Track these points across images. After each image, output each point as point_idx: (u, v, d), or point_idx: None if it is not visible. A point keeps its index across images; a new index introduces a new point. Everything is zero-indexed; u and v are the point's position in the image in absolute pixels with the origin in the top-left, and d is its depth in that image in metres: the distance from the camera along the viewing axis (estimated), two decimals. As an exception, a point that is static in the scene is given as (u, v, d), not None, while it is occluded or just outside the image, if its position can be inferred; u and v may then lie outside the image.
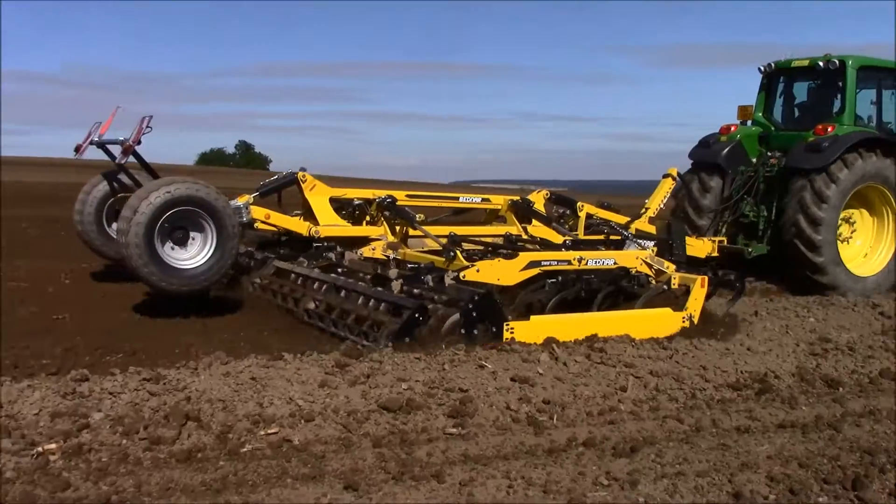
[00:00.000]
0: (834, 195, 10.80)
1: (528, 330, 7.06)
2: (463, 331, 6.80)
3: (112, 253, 9.27)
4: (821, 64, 11.78)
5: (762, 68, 12.61)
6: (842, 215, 11.17)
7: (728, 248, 11.50)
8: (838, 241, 11.16)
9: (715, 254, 11.06)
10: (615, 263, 8.38)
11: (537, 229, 10.24)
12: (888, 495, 4.42)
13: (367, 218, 9.88)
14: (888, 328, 8.62)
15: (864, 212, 11.74)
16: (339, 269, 8.69)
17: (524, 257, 7.85)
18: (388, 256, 8.77)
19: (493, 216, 10.94)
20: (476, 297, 6.96)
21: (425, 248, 9.28)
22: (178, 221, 7.52)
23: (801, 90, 12.75)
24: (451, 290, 7.25)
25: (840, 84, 11.72)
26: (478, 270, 7.50)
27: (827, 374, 6.84)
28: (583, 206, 10.80)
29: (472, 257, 8.16)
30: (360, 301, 7.49)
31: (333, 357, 6.23)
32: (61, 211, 14.90)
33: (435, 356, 6.40)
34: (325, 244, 9.17)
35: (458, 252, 7.92)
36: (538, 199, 10.87)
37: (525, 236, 9.98)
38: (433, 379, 5.86)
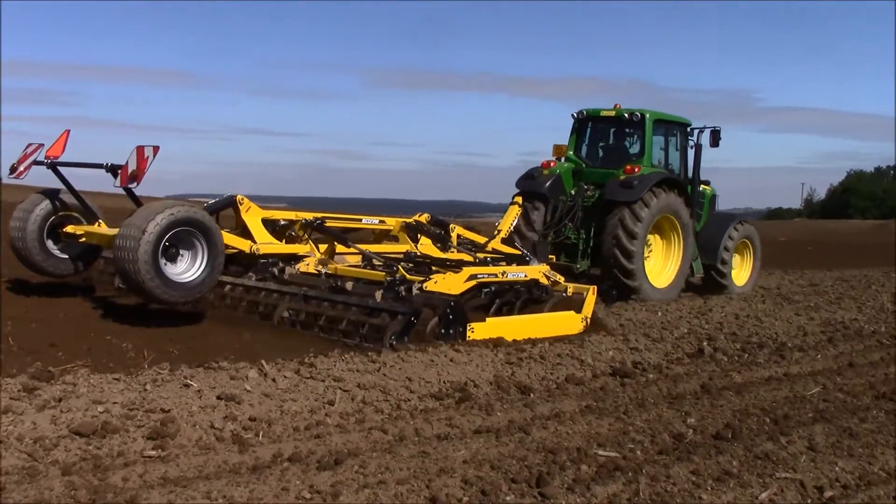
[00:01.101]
0: (645, 220, 13.18)
1: (485, 329, 8.70)
2: (442, 331, 8.27)
3: (51, 268, 9.65)
4: (626, 115, 14.17)
5: (574, 115, 14.76)
6: None
7: (558, 265, 13.09)
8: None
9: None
10: (526, 276, 10.13)
11: (424, 247, 11.45)
12: (566, 490, 4.84)
13: (286, 236, 10.61)
14: (575, 339, 9.41)
15: (657, 236, 14.12)
16: (276, 281, 9.62)
17: (466, 271, 9.46)
18: (319, 271, 9.91)
19: (383, 236, 11.99)
20: (452, 304, 8.51)
21: (347, 264, 10.35)
22: (173, 240, 8.27)
23: (606, 135, 15.14)
24: (420, 298, 8.52)
25: (640, 132, 14.22)
26: (436, 282, 8.92)
27: (520, 381, 7.35)
28: (454, 227, 12.22)
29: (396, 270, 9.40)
30: (351, 308, 8.57)
31: (20, 381, 5.77)
32: None
33: (136, 376, 6.14)
34: (270, 260, 9.92)
35: (400, 267, 9.38)
36: (423, 221, 12.00)
37: (419, 253, 11.12)
38: (133, 400, 5.62)
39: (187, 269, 8.49)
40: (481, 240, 12.41)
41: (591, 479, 5.00)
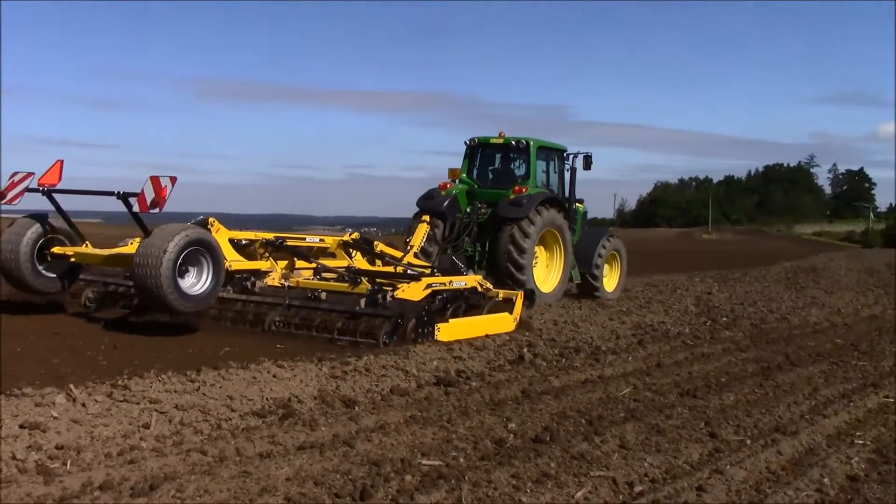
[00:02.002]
0: (533, 235, 14.92)
1: (449, 329, 10.17)
2: (419, 330, 9.69)
3: (40, 287, 10.37)
4: (513, 143, 16.05)
5: (467, 142, 16.50)
6: None
7: None
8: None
9: None
10: (466, 284, 11.45)
11: (357, 261, 12.56)
12: (391, 501, 4.85)
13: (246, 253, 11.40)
14: (400, 350, 9.46)
15: (542, 248, 15.89)
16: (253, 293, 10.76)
17: (424, 281, 10.75)
18: (283, 284, 11.08)
19: (321, 252, 12.84)
20: (426, 308, 10.04)
21: (302, 277, 11.50)
22: (183, 257, 9.17)
23: (495, 160, 16.95)
24: (395, 304, 9.84)
25: (525, 157, 16.08)
26: (403, 291, 10.23)
27: (345, 395, 7.31)
28: (378, 244, 13.29)
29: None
30: (343, 314, 9.86)
31: None
32: None
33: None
34: (244, 274, 10.89)
35: (363, 280, 10.79)
36: (355, 239, 13.19)
37: (356, 266, 12.12)
38: (-79, 434, 5.16)
39: (195, 282, 9.50)
40: (399, 255, 13.48)
41: (415, 489, 5.04)
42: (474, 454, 5.86)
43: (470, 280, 11.77)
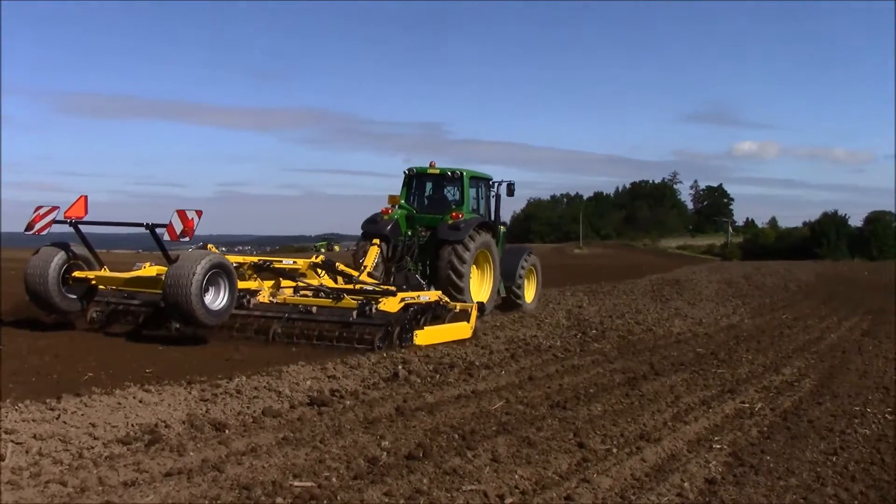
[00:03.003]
0: (469, 257, 16.29)
1: (423, 335, 12.11)
2: (403, 336, 11.64)
3: (64, 307, 11.73)
4: (448, 173, 17.61)
5: (406, 171, 17.95)
6: None
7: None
8: None
9: None
10: (429, 299, 13.06)
11: (324, 279, 13.75)
12: (261, 525, 4.78)
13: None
14: (273, 371, 9.34)
15: (474, 266, 16.99)
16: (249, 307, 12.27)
17: (400, 296, 12.37)
18: (271, 300, 12.58)
19: (294, 272, 13.66)
20: (408, 318, 11.92)
21: (286, 295, 12.91)
22: (207, 279, 10.61)
23: (431, 188, 18.35)
24: (381, 315, 11.67)
25: (459, 186, 17.72)
26: (383, 304, 11.91)
27: (215, 418, 7.15)
28: (339, 264, 14.34)
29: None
30: (338, 324, 11.67)
31: None
32: None
33: None
34: (240, 293, 11.81)
35: (346, 296, 12.34)
36: (321, 260, 14.35)
37: (327, 286, 13.39)
38: None
39: (214, 299, 10.87)
40: (355, 273, 14.66)
41: (287, 512, 4.98)
42: (347, 474, 5.84)
43: (432, 295, 13.39)
